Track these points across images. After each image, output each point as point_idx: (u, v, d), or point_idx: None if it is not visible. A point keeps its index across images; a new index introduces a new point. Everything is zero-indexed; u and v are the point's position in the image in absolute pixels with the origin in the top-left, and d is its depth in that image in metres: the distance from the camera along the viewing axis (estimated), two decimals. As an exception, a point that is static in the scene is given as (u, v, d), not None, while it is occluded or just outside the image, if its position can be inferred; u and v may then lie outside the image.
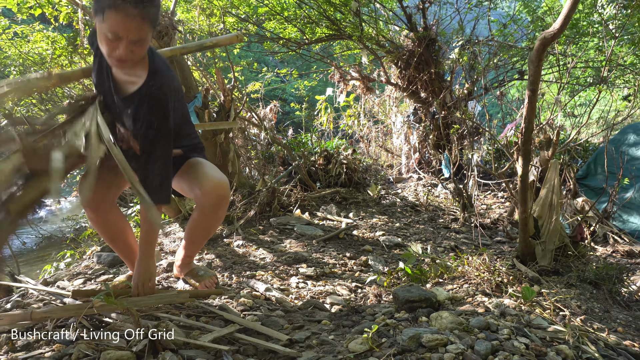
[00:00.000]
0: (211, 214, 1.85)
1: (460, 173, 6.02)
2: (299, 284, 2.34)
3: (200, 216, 1.87)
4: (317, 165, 5.03)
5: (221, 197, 1.83)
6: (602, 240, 3.78)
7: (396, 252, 3.09)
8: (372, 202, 4.66)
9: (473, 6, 6.82)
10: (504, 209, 4.95)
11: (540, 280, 2.22)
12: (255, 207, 3.57)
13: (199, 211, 1.86)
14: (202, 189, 1.78)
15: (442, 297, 1.73)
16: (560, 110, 4.91)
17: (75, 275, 2.37)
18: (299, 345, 1.48)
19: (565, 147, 4.36)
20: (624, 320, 1.82)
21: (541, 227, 2.57)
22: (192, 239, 1.99)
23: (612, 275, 2.32)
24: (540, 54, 2.07)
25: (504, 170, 3.56)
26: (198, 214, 1.87)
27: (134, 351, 1.27)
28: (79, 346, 1.29)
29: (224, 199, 1.86)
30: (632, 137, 4.86)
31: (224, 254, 2.79)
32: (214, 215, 1.87)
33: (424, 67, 6.46)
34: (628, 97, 10.69)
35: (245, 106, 4.72)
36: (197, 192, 1.80)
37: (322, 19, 6.27)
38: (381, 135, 8.55)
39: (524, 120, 2.22)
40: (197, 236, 1.98)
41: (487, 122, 4.55)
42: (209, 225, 1.95)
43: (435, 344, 1.29)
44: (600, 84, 4.26)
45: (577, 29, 7.19)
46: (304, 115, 8.10)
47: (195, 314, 1.67)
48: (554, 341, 1.37)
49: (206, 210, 1.83)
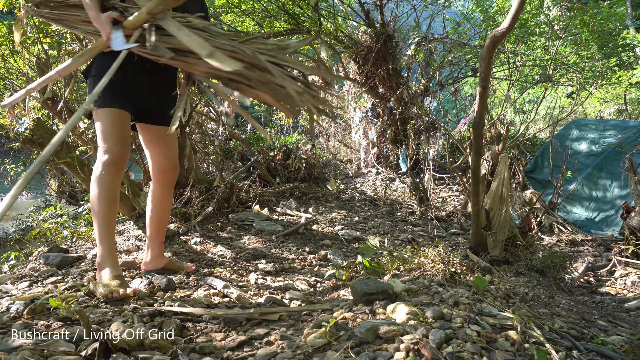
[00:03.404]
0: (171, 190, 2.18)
1: (417, 167, 6.17)
2: (258, 280, 2.32)
3: (169, 192, 2.18)
4: (277, 161, 5.00)
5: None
6: (548, 230, 3.99)
7: (355, 245, 3.13)
8: (332, 197, 4.69)
9: (428, 4, 6.98)
10: (458, 202, 5.11)
11: (492, 269, 2.32)
12: (213, 204, 3.51)
13: (168, 187, 2.15)
14: (171, 162, 2.07)
15: (399, 289, 1.77)
16: (510, 107, 5.12)
17: (20, 278, 2.24)
18: (258, 342, 1.47)
19: (514, 142, 4.56)
20: (567, 305, 1.93)
21: (492, 219, 2.68)
22: (164, 222, 2.22)
23: (556, 263, 2.45)
24: (490, 51, 2.14)
25: (458, 165, 3.68)
26: (168, 190, 2.17)
27: (83, 355, 1.22)
28: (22, 353, 1.22)
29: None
30: (575, 132, 5.15)
31: (181, 251, 2.73)
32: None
33: (382, 63, 6.55)
34: (572, 95, 11.31)
35: (202, 100, 4.61)
36: (165, 163, 2.04)
37: (281, 13, 6.21)
38: (340, 130, 8.61)
39: (476, 115, 2.29)
40: (167, 216, 2.23)
41: (442, 117, 4.69)
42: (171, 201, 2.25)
43: (392, 335, 1.32)
44: (546, 82, 4.48)
45: (525, 28, 7.51)
46: (263, 110, 8.02)
47: (149, 314, 1.62)
48: (503, 327, 1.43)
49: (171, 185, 2.14)
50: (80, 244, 2.96)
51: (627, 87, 10.66)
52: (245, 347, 1.43)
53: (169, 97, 2.09)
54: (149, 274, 2.18)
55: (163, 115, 2.09)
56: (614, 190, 4.33)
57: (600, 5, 8.98)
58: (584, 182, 4.55)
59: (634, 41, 11.58)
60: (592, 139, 4.92)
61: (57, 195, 6.36)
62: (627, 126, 4.87)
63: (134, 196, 3.40)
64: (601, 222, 4.16)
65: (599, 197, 4.40)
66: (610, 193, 4.34)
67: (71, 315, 1.47)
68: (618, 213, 4.00)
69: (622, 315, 1.97)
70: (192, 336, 1.50)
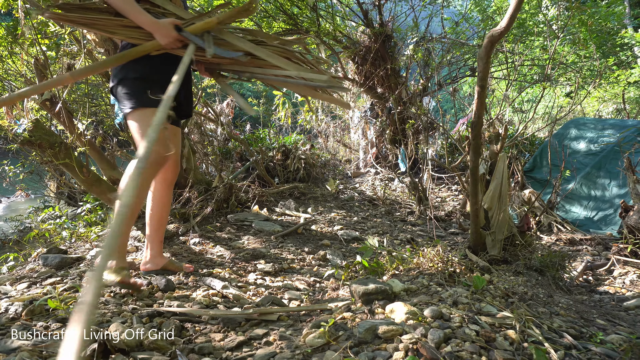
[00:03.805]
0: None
1: (416, 167, 6.17)
2: (257, 280, 2.32)
3: (170, 190, 2.26)
4: (275, 161, 5.00)
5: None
6: (547, 230, 3.99)
7: (354, 245, 3.13)
8: (331, 197, 4.69)
9: (427, 4, 6.98)
10: (457, 201, 5.12)
11: (491, 269, 2.32)
12: (212, 204, 3.51)
13: (169, 184, 2.22)
14: (174, 160, 2.16)
15: (398, 289, 1.77)
16: (509, 106, 5.13)
17: (19, 279, 2.24)
18: (257, 342, 1.47)
19: (513, 141, 4.56)
20: (566, 304, 1.93)
21: (491, 218, 2.68)
22: (164, 220, 2.26)
23: (555, 262, 2.45)
24: (488, 51, 2.14)
25: (457, 164, 3.68)
26: (168, 188, 2.23)
27: (81, 356, 1.21)
28: (21, 354, 1.22)
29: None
30: (573, 131, 5.16)
31: (180, 252, 2.73)
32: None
33: (380, 63, 6.56)
34: (570, 94, 11.32)
35: (201, 101, 4.61)
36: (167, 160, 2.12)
37: (279, 13, 6.22)
38: (339, 131, 8.61)
39: (474, 115, 2.30)
40: (167, 214, 2.29)
41: (441, 117, 4.69)
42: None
43: (391, 334, 1.32)
44: (545, 82, 4.48)
45: (524, 28, 7.52)
46: (262, 111, 8.02)
47: (148, 315, 1.62)
48: (502, 327, 1.43)
49: (172, 183, 2.24)
50: (79, 245, 2.96)
51: (626, 86, 10.68)
52: (244, 347, 1.43)
53: (180, 98, 2.19)
54: (148, 275, 2.18)
55: (177, 115, 2.22)
56: (612, 190, 4.33)
57: (599, 4, 8.99)
58: (582, 182, 4.55)
59: (632, 40, 11.60)
60: (591, 138, 4.92)
61: (55, 197, 6.35)
62: (625, 125, 4.87)
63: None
64: (600, 221, 4.17)
65: (597, 196, 4.41)
66: (608, 192, 4.35)
67: (70, 316, 1.47)
68: (617, 212, 4.00)
69: (620, 314, 1.97)
70: (191, 337, 1.50)
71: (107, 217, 3.72)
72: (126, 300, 1.81)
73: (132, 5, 1.82)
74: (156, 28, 1.84)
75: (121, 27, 1.86)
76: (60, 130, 3.99)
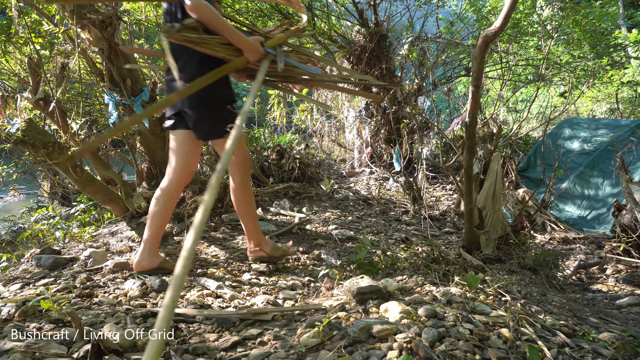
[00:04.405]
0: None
1: (411, 166, 6.19)
2: (251, 280, 2.32)
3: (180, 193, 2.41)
4: (270, 160, 5.00)
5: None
6: (541, 229, 4.01)
7: (349, 245, 3.13)
8: (325, 197, 4.69)
9: (422, 4, 7.00)
10: (451, 200, 5.13)
11: (484, 268, 2.33)
12: (206, 204, 3.49)
13: (182, 188, 2.34)
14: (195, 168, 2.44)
15: (392, 288, 1.78)
16: (503, 106, 5.15)
17: (11, 280, 2.22)
18: (252, 342, 1.47)
19: (507, 141, 4.58)
20: (559, 302, 1.94)
21: (485, 217, 2.69)
22: (167, 220, 2.32)
23: (549, 261, 2.47)
24: (482, 50, 2.15)
25: (451, 164, 3.69)
26: (180, 191, 2.35)
27: (75, 357, 1.21)
28: (14, 355, 1.21)
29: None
30: (567, 131, 5.19)
31: (174, 252, 2.72)
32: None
33: (376, 63, 6.57)
34: (564, 94, 11.39)
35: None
36: (194, 169, 2.39)
37: (274, 13, 6.21)
38: (334, 130, 8.61)
39: (468, 115, 2.30)
40: (170, 215, 2.35)
41: (436, 116, 4.70)
42: None
43: (385, 334, 1.33)
44: (539, 81, 4.51)
45: (518, 28, 7.56)
46: (257, 110, 8.00)
47: (142, 315, 1.62)
48: (496, 325, 1.44)
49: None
50: (73, 245, 2.94)
51: (619, 86, 10.75)
52: (238, 347, 1.43)
53: (184, 108, 2.28)
54: (142, 275, 2.17)
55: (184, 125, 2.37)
56: (605, 189, 4.36)
57: (593, 4, 9.04)
58: (576, 181, 4.58)
59: (626, 41, 11.68)
60: (584, 138, 4.95)
61: (49, 197, 6.31)
62: (618, 125, 4.90)
63: (127, 197, 3.38)
64: (593, 220, 4.19)
65: (591, 195, 4.43)
66: (602, 191, 4.37)
67: (63, 317, 1.47)
68: (610, 211, 4.03)
69: (613, 312, 1.99)
70: (185, 337, 1.50)
71: (100, 217, 3.70)
72: (120, 300, 1.80)
73: (227, 25, 1.98)
74: (249, 46, 2.02)
75: (220, 45, 2.03)
76: (54, 130, 3.96)
